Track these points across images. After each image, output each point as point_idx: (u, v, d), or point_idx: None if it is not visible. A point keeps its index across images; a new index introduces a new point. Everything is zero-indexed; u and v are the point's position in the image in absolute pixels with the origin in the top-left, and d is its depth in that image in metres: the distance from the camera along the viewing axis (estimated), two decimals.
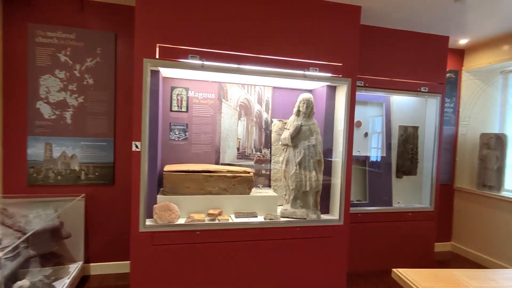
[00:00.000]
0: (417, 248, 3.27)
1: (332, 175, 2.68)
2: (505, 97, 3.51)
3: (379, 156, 3.32)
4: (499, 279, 1.29)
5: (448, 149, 3.77)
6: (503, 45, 3.27)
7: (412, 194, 3.45)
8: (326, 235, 2.52)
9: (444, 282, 1.22)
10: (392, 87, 3.07)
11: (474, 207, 3.59)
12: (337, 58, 2.46)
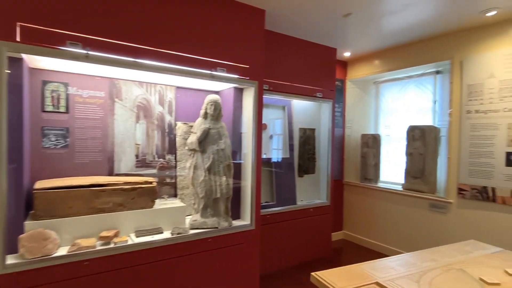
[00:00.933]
0: (318, 240, 3.54)
1: (241, 179, 2.61)
2: (377, 103, 4.18)
3: (283, 157, 3.46)
4: (396, 266, 1.43)
5: (338, 148, 4.25)
6: (375, 60, 3.89)
7: (312, 191, 3.73)
8: (238, 242, 2.43)
9: (355, 278, 1.26)
10: (293, 91, 3.24)
11: (359, 198, 4.14)
12: (244, 60, 2.41)
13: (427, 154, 3.37)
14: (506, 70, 2.69)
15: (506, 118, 2.69)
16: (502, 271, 1.38)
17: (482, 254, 1.62)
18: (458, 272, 1.36)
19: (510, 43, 2.70)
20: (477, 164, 2.88)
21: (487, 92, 2.81)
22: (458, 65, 3.03)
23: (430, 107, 3.49)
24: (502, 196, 2.72)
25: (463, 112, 2.99)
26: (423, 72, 3.51)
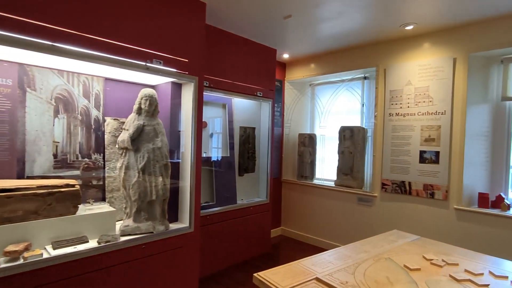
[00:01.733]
0: (259, 238, 3.57)
1: (180, 179, 2.48)
2: (313, 105, 4.40)
3: (223, 156, 3.40)
4: (333, 259, 1.49)
5: (277, 147, 4.35)
6: (311, 63, 4.08)
7: (253, 190, 3.75)
8: (176, 246, 2.30)
9: (297, 276, 1.28)
10: (234, 89, 3.20)
11: (296, 195, 4.31)
12: (183, 54, 2.28)
13: (356, 152, 3.66)
14: (420, 79, 3.06)
15: (420, 121, 3.07)
16: (421, 257, 1.54)
17: (404, 242, 1.79)
18: (386, 261, 1.48)
19: (423, 56, 3.08)
20: (397, 161, 3.23)
21: (405, 98, 3.17)
22: (382, 72, 3.36)
23: (359, 109, 3.80)
24: (416, 189, 3.10)
25: (386, 115, 3.32)
26: (352, 77, 3.81)
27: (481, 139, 2.88)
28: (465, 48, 2.81)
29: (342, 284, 1.20)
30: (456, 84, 2.85)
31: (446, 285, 1.24)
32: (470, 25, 2.78)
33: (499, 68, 2.83)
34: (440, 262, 1.45)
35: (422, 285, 1.22)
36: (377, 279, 1.26)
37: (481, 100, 2.87)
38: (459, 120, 2.84)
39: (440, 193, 2.94)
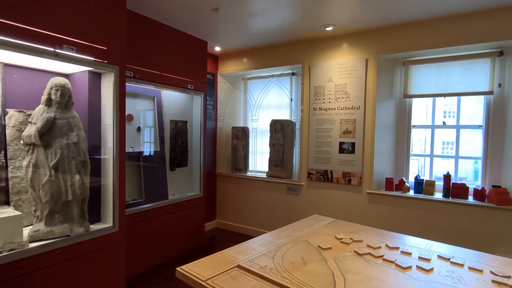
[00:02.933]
0: (192, 232, 3.55)
1: (102, 176, 2.31)
2: (246, 98, 4.49)
3: (153, 150, 3.27)
4: (256, 246, 1.58)
5: (211, 141, 4.34)
6: (243, 57, 4.15)
7: (185, 184, 3.68)
8: (98, 247, 2.15)
9: (220, 265, 1.32)
10: (163, 81, 3.08)
11: (230, 187, 4.37)
12: (101, 41, 2.10)
13: (286, 145, 3.87)
14: (339, 77, 3.37)
15: (339, 115, 3.38)
16: (334, 237, 1.73)
17: (322, 225, 1.98)
18: (304, 243, 1.62)
19: (342, 55, 3.39)
20: (320, 152, 3.52)
21: (327, 93, 3.45)
22: (307, 69, 3.59)
23: (288, 103, 4.01)
24: (337, 177, 3.43)
25: (311, 109, 3.58)
26: (281, 73, 3.99)
27: (388, 131, 3.31)
28: (375, 50, 3.18)
29: (261, 268, 1.28)
30: (368, 82, 3.21)
31: (351, 259, 1.42)
32: (379, 30, 3.15)
33: (401, 70, 3.27)
34: (348, 240, 1.65)
35: (331, 262, 1.38)
36: (293, 260, 1.38)
37: (388, 97, 3.29)
38: (370, 114, 3.21)
39: (356, 179, 3.30)
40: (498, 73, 2.82)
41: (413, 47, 2.98)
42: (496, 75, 2.82)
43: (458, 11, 2.67)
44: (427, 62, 3.12)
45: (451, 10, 2.66)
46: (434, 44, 2.89)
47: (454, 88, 3.00)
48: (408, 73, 3.23)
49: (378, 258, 1.43)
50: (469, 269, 1.34)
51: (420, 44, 2.95)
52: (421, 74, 3.16)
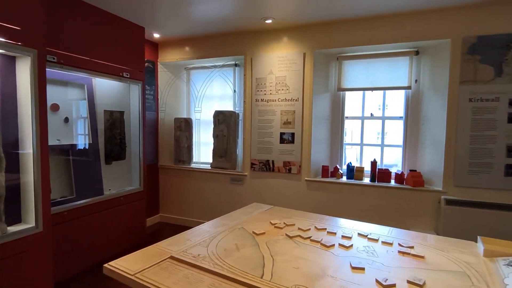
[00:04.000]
0: (132, 228, 3.40)
1: (21, 172, 2.08)
2: (188, 89, 4.38)
3: (86, 143, 3.03)
4: (192, 236, 1.58)
5: (152, 132, 4.17)
6: (186, 46, 4.03)
7: (123, 178, 3.49)
8: (19, 250, 1.95)
9: (151, 258, 1.30)
10: (94, 68, 2.85)
11: (174, 180, 4.27)
12: (12, 19, 1.86)
13: (229, 136, 3.88)
14: (279, 69, 3.47)
15: (280, 106, 3.50)
16: (269, 222, 1.81)
17: (259, 212, 2.06)
18: (239, 230, 1.67)
19: (282, 48, 3.49)
20: (262, 143, 3.61)
21: (268, 85, 3.54)
22: (249, 61, 3.63)
23: (231, 94, 4.02)
24: (278, 166, 3.56)
25: (253, 100, 3.64)
26: (224, 64, 3.97)
27: (324, 122, 3.53)
28: (312, 45, 3.34)
29: (194, 258, 1.29)
30: (305, 75, 3.37)
31: (282, 242, 1.50)
32: (316, 26, 3.31)
33: (336, 64, 3.50)
34: (281, 225, 1.74)
35: (263, 246, 1.44)
36: (227, 247, 1.42)
37: (324, 90, 3.50)
38: (308, 106, 3.38)
39: (295, 168, 3.47)
40: (415, 70, 3.18)
41: (345, 44, 3.20)
42: (414, 72, 3.18)
43: (383, 12, 2.93)
44: (358, 58, 3.38)
45: (378, 10, 2.90)
46: (363, 42, 3.13)
47: (380, 83, 3.30)
48: (341, 68, 3.46)
49: (307, 239, 1.54)
50: (382, 243, 1.52)
51: (351, 41, 3.18)
52: (353, 69, 3.41)
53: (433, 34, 2.87)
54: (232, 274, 1.15)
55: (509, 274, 1.19)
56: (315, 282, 1.10)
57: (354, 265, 1.23)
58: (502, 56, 2.64)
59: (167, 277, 1.14)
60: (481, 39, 2.69)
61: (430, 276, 1.17)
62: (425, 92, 3.14)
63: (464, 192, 2.82)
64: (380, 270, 1.22)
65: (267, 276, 1.14)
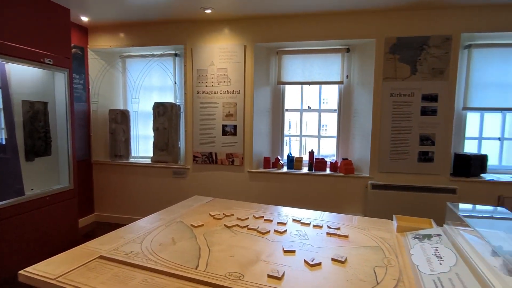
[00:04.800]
0: (63, 230, 3.11)
1: None
2: (125, 78, 4.11)
3: (2, 138, 2.66)
4: (125, 234, 1.51)
5: (83, 125, 3.82)
6: (120, 32, 3.75)
7: (49, 176, 3.16)
8: None
9: (78, 260, 1.22)
10: (7, 52, 2.50)
11: (110, 176, 4.00)
12: None
13: (170, 128, 3.76)
14: (220, 61, 3.45)
15: (222, 99, 3.49)
16: (208, 214, 1.82)
17: (199, 205, 2.05)
18: (177, 224, 1.64)
19: (223, 40, 3.46)
20: (205, 135, 3.58)
21: (210, 77, 3.50)
22: (189, 51, 3.54)
23: (172, 86, 3.88)
24: (221, 158, 3.57)
25: (194, 92, 3.56)
26: (163, 53, 3.80)
27: (265, 114, 3.63)
28: (252, 38, 3.38)
29: (125, 255, 1.24)
30: (246, 68, 3.41)
31: (219, 232, 1.52)
32: (256, 19, 3.35)
33: (276, 58, 3.60)
34: (220, 216, 1.76)
35: (200, 238, 1.45)
36: (163, 242, 1.39)
37: (265, 83, 3.58)
38: (250, 98, 3.43)
39: (238, 160, 3.52)
40: (347, 66, 3.43)
41: (284, 38, 3.31)
42: (345, 68, 3.43)
43: (318, 10, 3.09)
44: (296, 53, 3.52)
45: (313, 8, 3.05)
46: (300, 37, 3.27)
47: (316, 77, 3.50)
48: (281, 62, 3.57)
49: (244, 228, 1.58)
50: (313, 226, 1.64)
51: (289, 36, 3.29)
52: (291, 63, 3.55)
53: (361, 33, 3.12)
54: (166, 268, 1.13)
55: (414, 245, 1.38)
56: (248, 267, 1.15)
57: (286, 249, 1.31)
58: (416, 56, 3.00)
59: (95, 278, 1.08)
60: (400, 40, 3.01)
61: (351, 253, 1.30)
62: (355, 87, 3.42)
63: (386, 177, 3.17)
64: (309, 251, 1.31)
65: (202, 266, 1.15)
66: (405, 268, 1.17)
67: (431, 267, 1.14)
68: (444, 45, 2.94)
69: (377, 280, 1.07)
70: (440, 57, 2.96)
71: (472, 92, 3.21)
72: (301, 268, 1.16)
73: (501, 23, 2.86)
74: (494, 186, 3.02)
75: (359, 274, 1.11)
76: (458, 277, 1.02)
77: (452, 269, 1.08)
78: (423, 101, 3.03)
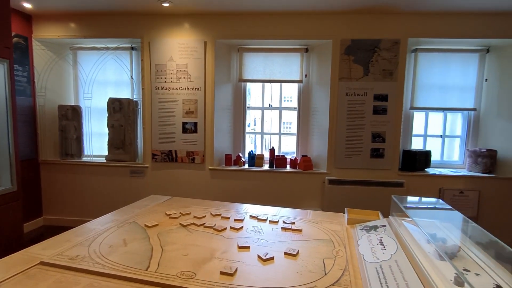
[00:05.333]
0: (6, 236, 2.84)
1: None
2: (76, 72, 3.84)
3: None
4: (73, 237, 1.42)
5: (27, 121, 3.52)
6: (70, 22, 3.50)
7: None
8: None
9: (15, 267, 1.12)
10: None
11: (60, 176, 3.73)
12: None
13: (127, 125, 3.60)
14: (180, 56, 3.36)
15: (182, 95, 3.41)
16: (164, 214, 1.77)
17: (156, 204, 1.99)
18: (130, 225, 1.58)
19: (183, 35, 3.38)
20: (164, 133, 3.48)
21: (169, 73, 3.40)
22: (147, 45, 3.41)
23: (128, 81, 3.71)
24: (181, 156, 3.50)
25: (153, 88, 3.44)
26: (118, 46, 3.62)
27: (226, 112, 3.61)
28: (213, 34, 3.34)
29: (70, 260, 1.17)
30: (207, 65, 3.37)
31: (175, 231, 1.49)
32: (216, 15, 3.31)
33: (237, 55, 3.59)
34: (177, 215, 1.73)
35: (154, 238, 1.41)
36: (113, 243, 1.33)
37: (226, 80, 3.57)
38: (210, 95, 3.40)
39: (199, 158, 3.47)
40: (305, 65, 3.53)
41: (245, 36, 3.32)
42: (304, 67, 3.53)
43: (278, 9, 3.14)
44: (257, 51, 3.55)
45: (273, 7, 3.09)
46: (261, 35, 3.30)
47: (277, 76, 3.56)
48: (242, 59, 3.58)
49: (200, 226, 1.57)
50: (269, 222, 1.67)
51: (250, 33, 3.31)
52: (252, 61, 3.57)
53: (319, 34, 3.23)
54: (114, 270, 1.09)
55: (362, 236, 1.47)
56: (201, 265, 1.14)
57: (241, 245, 1.32)
58: (369, 58, 3.17)
59: (34, 285, 1.01)
60: (354, 42, 3.17)
61: (303, 246, 1.35)
62: (313, 86, 3.53)
63: (342, 172, 3.33)
64: (263, 246, 1.34)
65: (153, 267, 1.12)
66: (351, 258, 1.25)
67: (374, 256, 1.22)
68: (393, 48, 3.14)
69: (325, 271, 1.13)
70: (390, 59, 3.16)
71: (418, 93, 3.48)
72: (255, 263, 1.18)
73: (443, 30, 3.13)
74: (436, 179, 3.31)
75: (309, 266, 1.16)
76: (397, 263, 1.11)
77: (393, 256, 1.17)
78: (375, 100, 3.22)
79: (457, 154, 3.69)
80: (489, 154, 3.26)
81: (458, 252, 1.17)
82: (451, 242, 1.25)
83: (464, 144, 3.62)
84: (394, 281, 1.00)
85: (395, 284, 0.98)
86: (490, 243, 1.22)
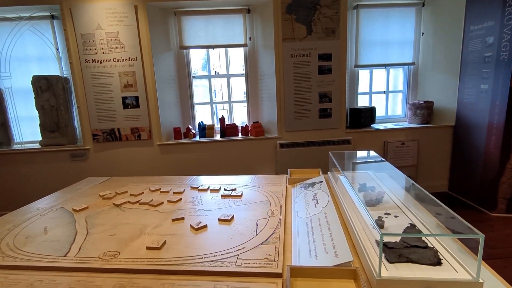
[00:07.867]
0: None
1: None
2: None
3: None
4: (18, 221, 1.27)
5: None
6: None
7: None
8: None
9: None
10: None
11: None
12: None
13: (59, 105, 3.25)
14: (109, 24, 3.03)
15: (117, 67, 3.12)
16: (98, 196, 1.65)
17: (91, 187, 1.85)
18: (56, 211, 1.45)
19: None
20: (103, 110, 3.20)
21: (99, 43, 3.07)
22: (68, 12, 3.00)
23: (54, 55, 3.30)
24: (125, 134, 3.28)
25: (82, 61, 3.10)
26: (32, 15, 3.14)
27: (170, 83, 3.40)
28: None
29: None
30: (141, 32, 3.08)
31: (106, 212, 1.39)
32: None
33: (175, 20, 3.32)
34: (111, 195, 1.62)
35: (81, 222, 1.30)
36: (31, 233, 1.21)
37: (166, 48, 3.31)
38: (149, 66, 3.15)
39: (145, 134, 3.28)
40: (249, 28, 3.38)
41: None
42: (248, 29, 3.37)
43: None
44: (197, 14, 3.30)
45: None
46: None
47: (220, 40, 3.37)
48: (181, 24, 3.32)
49: (135, 204, 1.48)
50: (210, 191, 1.63)
51: None
52: (193, 25, 3.33)
53: None
54: (26, 262, 0.98)
55: (300, 194, 1.49)
56: (128, 244, 1.08)
57: (174, 217, 1.27)
58: (311, 17, 3.10)
59: None
60: (295, 0, 3.06)
61: (240, 210, 1.33)
62: (259, 49, 3.41)
63: (293, 135, 3.36)
64: (199, 215, 1.30)
65: (73, 252, 1.04)
66: (285, 216, 1.25)
67: (307, 211, 1.24)
68: (334, 5, 3.09)
69: (256, 231, 1.12)
70: (331, 17, 3.12)
71: (362, 51, 3.52)
72: (186, 234, 1.13)
73: None
74: (381, 133, 3.48)
75: (241, 229, 1.14)
76: (325, 215, 1.13)
77: (323, 209, 1.19)
78: (320, 60, 3.21)
79: (400, 108, 3.88)
80: (426, 106, 3.46)
81: (383, 198, 1.22)
82: (379, 190, 1.31)
83: (405, 98, 3.80)
84: (320, 232, 1.02)
85: (320, 236, 1.00)
86: (413, 187, 1.29)
